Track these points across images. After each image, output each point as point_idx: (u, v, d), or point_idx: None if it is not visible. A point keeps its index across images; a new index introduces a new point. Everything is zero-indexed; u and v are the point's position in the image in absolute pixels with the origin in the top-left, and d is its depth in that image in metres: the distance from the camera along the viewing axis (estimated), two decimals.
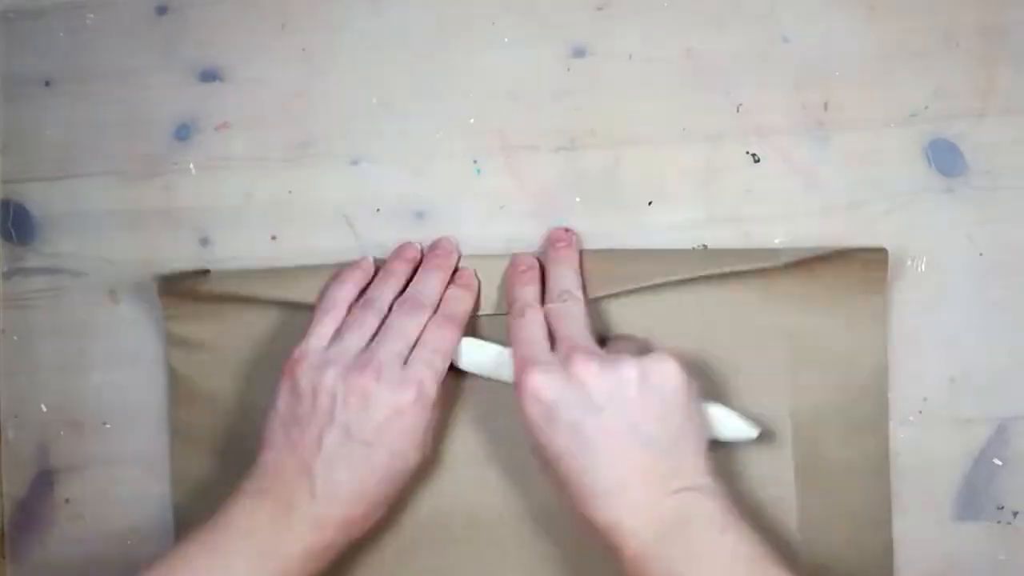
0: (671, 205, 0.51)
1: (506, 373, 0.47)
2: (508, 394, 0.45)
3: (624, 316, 0.50)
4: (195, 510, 0.50)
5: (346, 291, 0.48)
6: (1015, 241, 0.49)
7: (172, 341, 0.51)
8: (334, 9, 0.53)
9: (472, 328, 0.50)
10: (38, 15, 0.54)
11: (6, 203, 0.54)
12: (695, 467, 0.42)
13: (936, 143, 0.50)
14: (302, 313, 0.49)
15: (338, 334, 0.46)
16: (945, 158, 0.50)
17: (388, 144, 0.52)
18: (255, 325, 0.51)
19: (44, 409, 0.53)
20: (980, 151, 0.50)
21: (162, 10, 0.54)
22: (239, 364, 0.51)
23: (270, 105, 0.53)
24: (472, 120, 0.52)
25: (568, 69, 0.52)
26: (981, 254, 0.49)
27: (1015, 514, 0.48)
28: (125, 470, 0.52)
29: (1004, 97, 0.50)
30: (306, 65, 0.53)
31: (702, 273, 0.48)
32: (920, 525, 0.49)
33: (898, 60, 0.50)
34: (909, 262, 0.50)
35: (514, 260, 0.50)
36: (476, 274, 0.50)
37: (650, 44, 0.51)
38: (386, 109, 0.52)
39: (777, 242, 0.50)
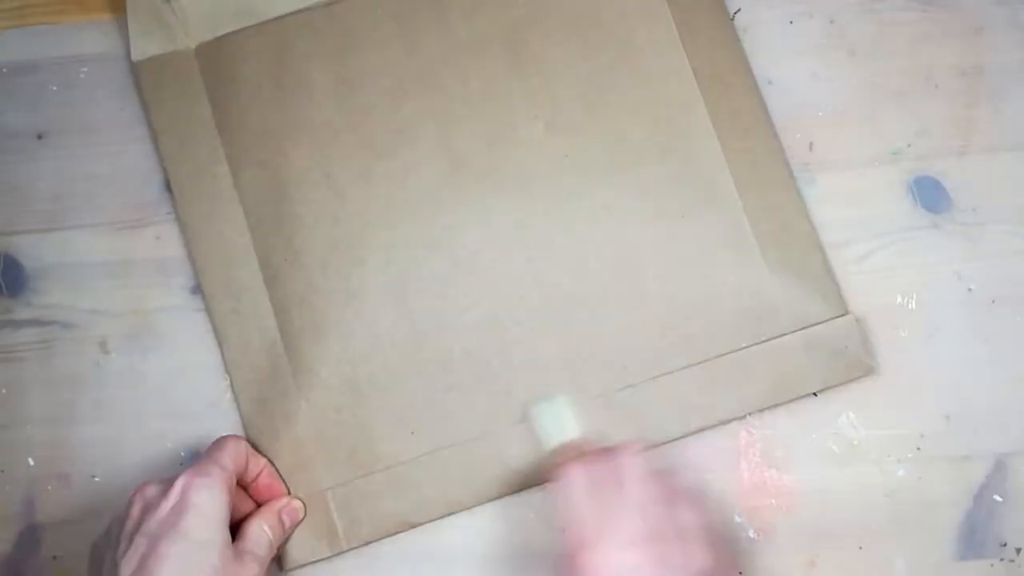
0: None
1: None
2: None
3: None
4: None
5: None
6: (1003, 275, 0.50)
7: None
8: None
9: None
10: (32, 69, 0.55)
11: None
12: None
13: (920, 180, 0.51)
14: None
15: None
16: (930, 195, 0.50)
17: None
18: None
19: (32, 463, 0.52)
20: (964, 188, 0.50)
21: None
22: None
23: None
24: None
25: None
26: (970, 289, 0.50)
27: (1018, 551, 0.48)
28: None
29: (984, 135, 0.51)
30: None
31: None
32: (921, 565, 0.48)
33: (880, 100, 0.51)
34: (900, 299, 0.50)
35: None
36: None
37: None
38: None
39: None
